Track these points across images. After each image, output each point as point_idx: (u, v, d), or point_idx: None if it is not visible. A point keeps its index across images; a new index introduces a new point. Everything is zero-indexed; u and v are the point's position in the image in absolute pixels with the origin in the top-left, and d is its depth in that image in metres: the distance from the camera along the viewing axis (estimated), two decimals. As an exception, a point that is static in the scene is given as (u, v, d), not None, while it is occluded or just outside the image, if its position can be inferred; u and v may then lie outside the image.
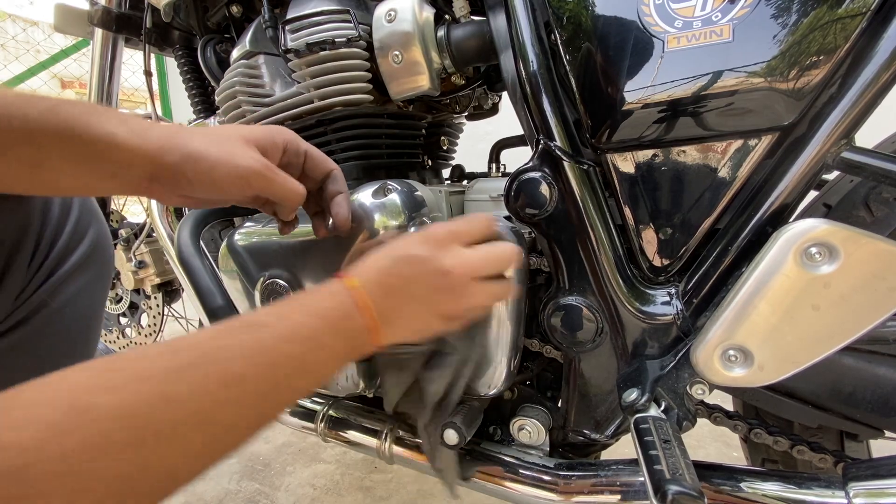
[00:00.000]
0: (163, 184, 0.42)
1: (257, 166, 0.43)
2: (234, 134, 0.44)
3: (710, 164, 0.46)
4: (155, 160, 0.40)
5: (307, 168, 0.50)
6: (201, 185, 0.42)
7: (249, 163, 0.43)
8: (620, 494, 0.51)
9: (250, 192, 0.45)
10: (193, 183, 0.42)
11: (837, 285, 0.37)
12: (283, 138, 0.48)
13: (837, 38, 0.39)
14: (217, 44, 0.79)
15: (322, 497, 1.08)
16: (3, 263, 0.48)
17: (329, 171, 0.51)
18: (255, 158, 0.43)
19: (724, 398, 0.56)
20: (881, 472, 0.41)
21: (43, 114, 0.38)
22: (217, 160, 0.42)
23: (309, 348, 0.37)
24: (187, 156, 0.41)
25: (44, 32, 4.12)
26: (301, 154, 0.49)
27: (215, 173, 0.42)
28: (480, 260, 0.46)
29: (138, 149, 0.40)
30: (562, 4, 0.48)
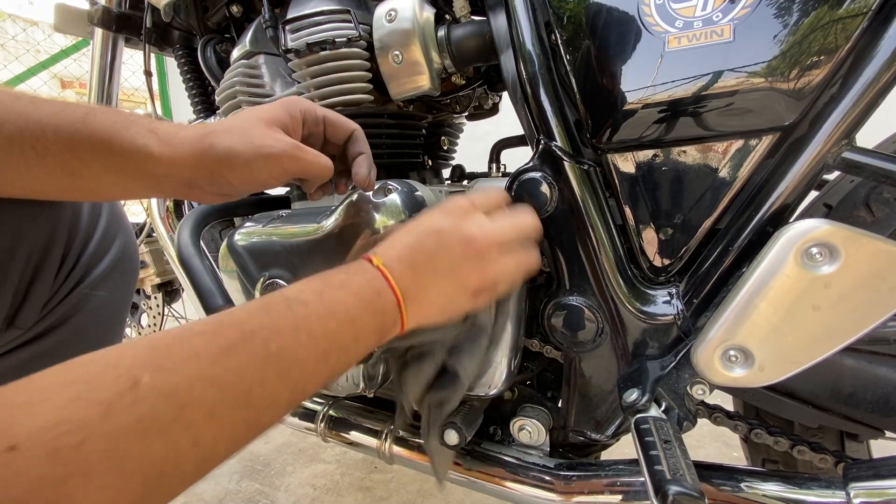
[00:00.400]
0: (202, 186, 0.43)
1: (288, 149, 0.43)
2: (255, 120, 0.44)
3: (711, 164, 0.46)
4: (191, 168, 0.42)
5: (328, 134, 0.50)
6: (241, 181, 0.43)
7: (280, 148, 0.43)
8: (621, 495, 0.51)
9: (285, 177, 0.45)
10: (233, 182, 0.43)
11: (838, 285, 0.37)
12: (299, 110, 0.47)
13: (838, 38, 0.39)
14: (217, 44, 0.79)
15: (322, 497, 1.08)
16: (31, 272, 0.49)
17: (350, 131, 0.51)
18: (283, 141, 0.44)
19: (724, 398, 0.56)
20: (882, 472, 0.41)
21: (75, 124, 0.39)
22: (251, 155, 0.42)
23: (347, 325, 0.37)
24: (222, 158, 0.42)
25: (44, 32, 4.12)
26: (320, 122, 0.49)
27: (253, 167, 0.43)
28: (504, 227, 0.46)
29: (173, 160, 0.41)
30: (562, 4, 0.48)
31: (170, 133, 0.41)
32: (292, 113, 0.46)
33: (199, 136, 0.42)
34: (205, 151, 0.41)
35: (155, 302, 1.22)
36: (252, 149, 0.42)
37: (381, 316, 0.40)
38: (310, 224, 0.60)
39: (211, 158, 0.42)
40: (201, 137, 0.42)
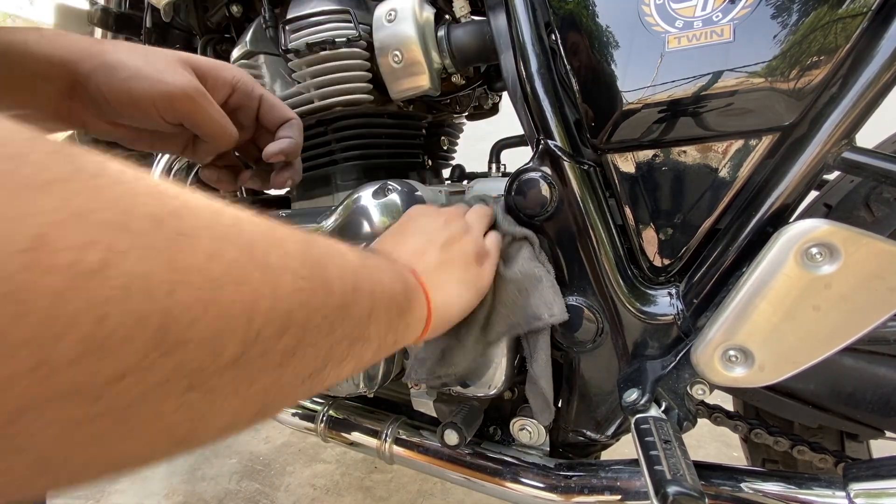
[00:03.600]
0: (83, 102, 0.37)
1: (188, 87, 0.38)
2: (170, 52, 0.39)
3: (711, 165, 0.46)
4: (70, 68, 0.36)
5: (262, 115, 0.45)
6: (118, 100, 0.37)
7: (179, 81, 0.37)
8: (620, 495, 0.51)
9: (173, 117, 0.39)
10: (109, 99, 0.37)
11: (838, 285, 0.37)
12: (231, 74, 0.43)
13: (838, 38, 0.39)
14: (217, 44, 0.79)
15: (322, 497, 1.08)
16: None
17: (287, 118, 0.46)
18: (187, 79, 0.38)
19: (724, 398, 0.56)
20: (882, 472, 0.41)
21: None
22: (137, 71, 0.36)
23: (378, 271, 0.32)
24: (104, 64, 0.36)
25: (44, 32, 4.11)
26: (255, 98, 0.44)
27: (133, 86, 0.36)
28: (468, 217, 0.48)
29: (53, 56, 0.35)
30: (562, 4, 0.48)
31: (61, 35, 0.37)
32: (221, 72, 0.42)
33: (94, 41, 0.37)
34: (91, 55, 0.36)
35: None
36: (143, 67, 0.37)
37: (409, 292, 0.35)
38: (309, 224, 0.60)
39: (93, 62, 0.36)
40: (93, 42, 0.37)
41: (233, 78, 0.43)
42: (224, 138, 0.42)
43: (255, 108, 0.45)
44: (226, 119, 0.42)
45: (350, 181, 0.66)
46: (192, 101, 0.38)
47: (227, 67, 0.43)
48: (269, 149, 0.44)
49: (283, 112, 0.47)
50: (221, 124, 0.41)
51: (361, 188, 0.58)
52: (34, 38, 0.35)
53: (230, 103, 0.43)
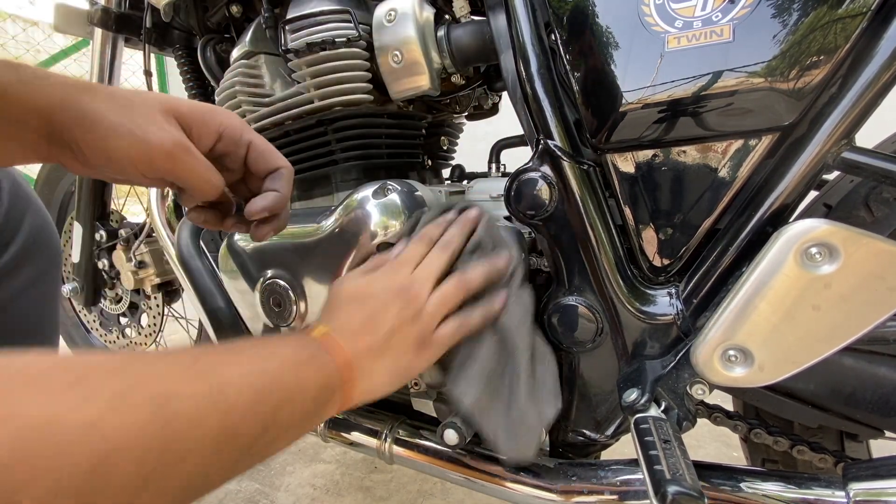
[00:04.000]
0: (61, 148, 0.35)
1: (167, 144, 0.35)
2: (154, 102, 0.37)
3: (711, 164, 0.46)
4: (46, 118, 0.34)
5: (250, 161, 0.43)
6: (94, 155, 0.35)
7: (158, 138, 0.35)
8: (620, 495, 0.51)
9: (153, 174, 0.37)
10: (86, 154, 0.35)
11: (838, 285, 0.37)
12: (218, 121, 0.40)
13: (838, 38, 0.39)
14: (217, 44, 0.79)
15: (322, 497, 1.08)
16: None
17: (277, 167, 0.44)
18: (169, 133, 0.36)
19: (724, 398, 0.56)
20: (881, 472, 0.41)
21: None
22: (116, 128, 0.34)
23: (286, 369, 0.34)
24: (82, 116, 0.34)
25: (44, 32, 4.12)
26: (242, 144, 0.41)
27: (111, 144, 0.34)
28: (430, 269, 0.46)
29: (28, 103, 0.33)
30: (562, 4, 0.48)
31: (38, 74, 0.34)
32: (206, 118, 0.39)
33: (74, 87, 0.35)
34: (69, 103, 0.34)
35: (155, 302, 1.21)
36: (122, 122, 0.34)
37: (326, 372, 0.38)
38: (309, 224, 0.60)
39: (70, 113, 0.34)
40: (73, 89, 0.34)
41: (220, 125, 0.40)
42: (207, 191, 0.39)
43: (242, 154, 0.42)
44: (210, 171, 0.39)
45: (350, 181, 0.66)
46: (173, 159, 0.36)
47: (214, 114, 0.40)
48: (253, 206, 0.41)
49: (273, 160, 0.44)
50: (204, 178, 0.38)
51: (361, 188, 0.58)
52: (10, 79, 0.33)
53: (216, 150, 0.40)
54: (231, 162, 0.42)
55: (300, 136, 0.67)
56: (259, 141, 0.43)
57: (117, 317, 1.30)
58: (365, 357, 0.41)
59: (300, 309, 0.62)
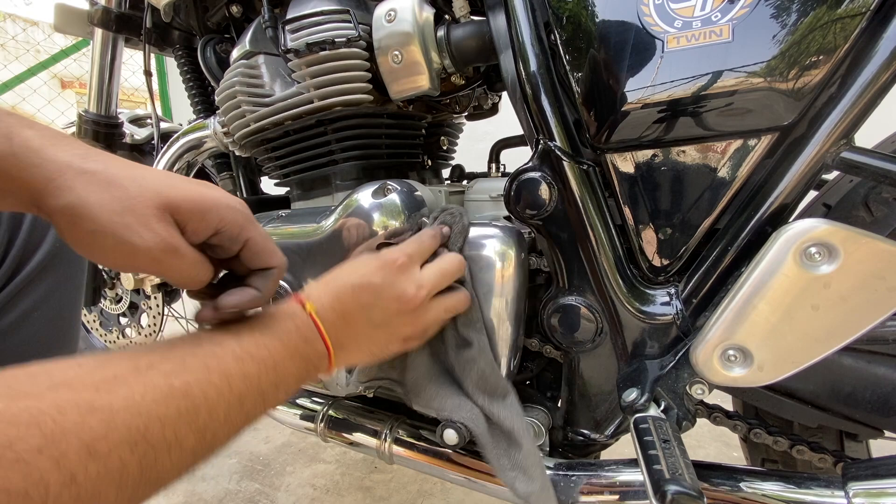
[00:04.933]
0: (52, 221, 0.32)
1: (154, 250, 0.33)
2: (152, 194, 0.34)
3: (710, 164, 0.46)
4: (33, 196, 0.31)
5: (243, 256, 0.40)
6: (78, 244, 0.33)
7: (145, 242, 0.32)
8: (620, 494, 0.51)
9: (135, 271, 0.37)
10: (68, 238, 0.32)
11: (837, 285, 0.37)
12: (218, 217, 0.36)
13: (837, 38, 0.39)
14: (217, 44, 0.79)
15: (322, 497, 1.08)
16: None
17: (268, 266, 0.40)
18: (158, 236, 0.33)
19: (723, 398, 0.56)
20: (881, 472, 0.41)
21: None
22: (104, 227, 0.31)
23: (268, 370, 0.35)
24: (70, 207, 0.31)
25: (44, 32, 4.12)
26: (239, 241, 0.39)
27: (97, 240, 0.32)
28: (434, 277, 0.48)
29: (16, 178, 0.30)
30: (562, 4, 0.48)
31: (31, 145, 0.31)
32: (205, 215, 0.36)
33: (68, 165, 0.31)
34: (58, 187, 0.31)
35: (155, 302, 1.22)
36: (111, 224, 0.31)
37: (305, 363, 0.39)
38: (309, 224, 0.60)
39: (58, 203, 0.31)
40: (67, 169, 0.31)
41: (219, 223, 0.37)
42: (192, 284, 0.38)
43: (237, 250, 0.39)
44: (196, 268, 0.36)
45: (349, 181, 0.66)
46: (158, 263, 0.34)
47: (214, 211, 0.36)
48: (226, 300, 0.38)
49: (266, 259, 0.40)
50: (189, 277, 0.36)
51: (361, 188, 0.58)
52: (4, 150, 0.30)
53: (210, 242, 0.38)
54: (223, 252, 0.39)
55: (300, 136, 0.67)
56: (257, 238, 0.39)
57: (117, 317, 1.30)
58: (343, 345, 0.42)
59: (300, 309, 0.62)
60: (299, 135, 0.67)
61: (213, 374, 0.31)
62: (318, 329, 0.41)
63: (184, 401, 0.29)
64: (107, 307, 1.29)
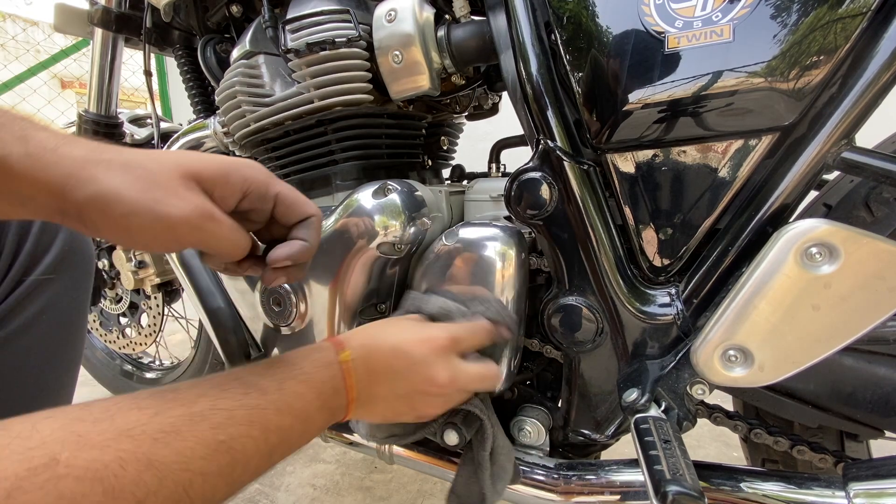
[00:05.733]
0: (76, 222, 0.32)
1: (191, 215, 0.32)
2: (172, 166, 0.33)
3: (711, 165, 0.46)
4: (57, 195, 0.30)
5: (277, 214, 0.40)
6: (113, 234, 0.32)
7: (180, 210, 0.32)
8: (620, 494, 0.51)
9: (178, 245, 0.34)
10: (102, 231, 0.32)
11: (838, 285, 0.37)
12: (241, 177, 0.36)
13: (838, 38, 0.39)
14: (217, 44, 0.79)
15: (322, 497, 1.08)
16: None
17: (305, 216, 0.40)
18: (191, 203, 0.33)
19: (724, 398, 0.56)
20: (881, 472, 0.41)
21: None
22: (134, 206, 0.31)
23: (299, 422, 0.36)
24: (96, 196, 0.30)
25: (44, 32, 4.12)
26: (269, 199, 0.39)
27: (131, 222, 0.31)
28: (470, 379, 0.48)
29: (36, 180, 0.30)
30: (562, 4, 0.48)
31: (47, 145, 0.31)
32: (231, 177, 0.36)
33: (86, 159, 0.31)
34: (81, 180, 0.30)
35: (155, 302, 1.22)
36: (141, 198, 0.31)
37: (331, 413, 0.40)
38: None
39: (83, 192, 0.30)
40: (87, 163, 0.31)
41: (244, 182, 0.37)
42: (234, 254, 0.37)
43: (269, 208, 0.39)
44: (236, 233, 0.36)
45: (350, 181, 0.66)
46: (198, 229, 0.33)
47: (237, 170, 0.36)
48: (276, 253, 0.38)
49: (302, 209, 0.40)
50: (232, 242, 0.36)
51: (361, 188, 0.58)
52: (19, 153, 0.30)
53: (241, 207, 0.38)
54: (257, 216, 0.39)
55: (300, 136, 0.67)
56: (286, 192, 0.40)
57: (117, 317, 1.30)
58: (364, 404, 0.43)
59: (300, 309, 0.62)
60: (299, 135, 0.67)
61: (255, 429, 0.32)
62: (348, 382, 0.41)
63: (226, 456, 0.29)
64: (107, 307, 1.29)
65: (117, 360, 1.42)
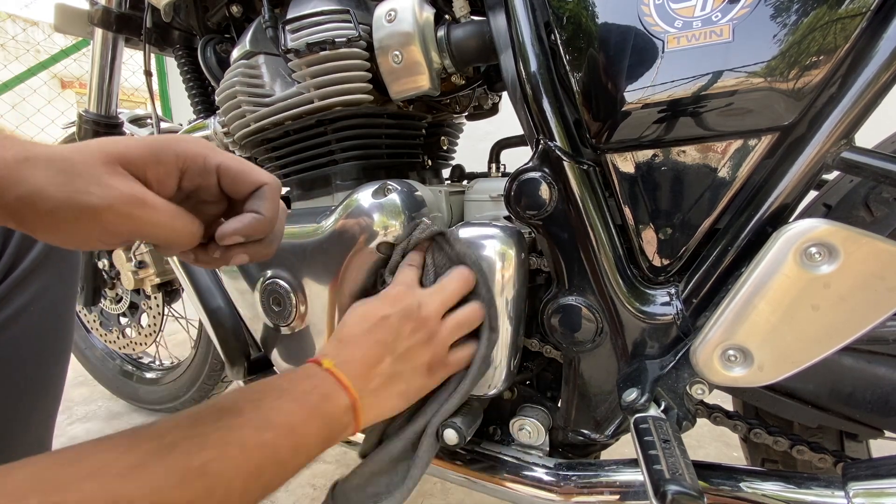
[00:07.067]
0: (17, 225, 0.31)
1: (115, 201, 0.30)
2: (95, 153, 0.31)
3: (710, 164, 0.46)
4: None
5: (225, 187, 0.37)
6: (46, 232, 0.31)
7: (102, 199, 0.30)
8: (620, 494, 0.51)
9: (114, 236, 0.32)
10: (38, 230, 0.31)
11: (837, 285, 0.37)
12: (173, 153, 0.34)
13: (837, 38, 0.39)
14: (217, 44, 0.79)
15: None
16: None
17: (255, 185, 0.37)
18: (113, 190, 0.30)
19: (723, 398, 0.56)
20: (881, 471, 0.41)
21: None
22: (56, 200, 0.29)
23: (283, 434, 0.35)
24: (23, 196, 0.29)
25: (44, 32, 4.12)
26: (210, 172, 0.35)
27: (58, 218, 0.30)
28: (442, 294, 0.49)
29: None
30: (562, 4, 0.48)
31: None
32: (160, 155, 0.33)
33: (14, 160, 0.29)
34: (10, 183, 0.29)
35: (155, 302, 1.22)
36: (63, 194, 0.29)
37: (329, 421, 0.39)
38: (309, 224, 0.60)
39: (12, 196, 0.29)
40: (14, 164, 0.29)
41: (177, 159, 0.34)
42: (181, 241, 0.34)
43: (215, 182, 0.36)
44: (177, 218, 0.33)
45: (350, 181, 0.66)
46: (128, 218, 0.31)
47: (168, 146, 0.34)
48: (223, 228, 0.35)
49: (249, 178, 0.37)
50: (170, 228, 0.33)
51: (361, 188, 0.58)
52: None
53: (184, 187, 0.35)
54: (206, 194, 0.36)
55: (300, 136, 0.67)
56: (230, 162, 0.36)
57: (117, 317, 1.30)
58: (373, 392, 0.42)
59: (300, 309, 0.62)
60: (299, 135, 0.67)
61: (232, 448, 0.31)
62: (340, 381, 0.40)
63: (200, 480, 0.29)
64: (107, 307, 1.29)
65: (117, 360, 1.42)
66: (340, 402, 0.40)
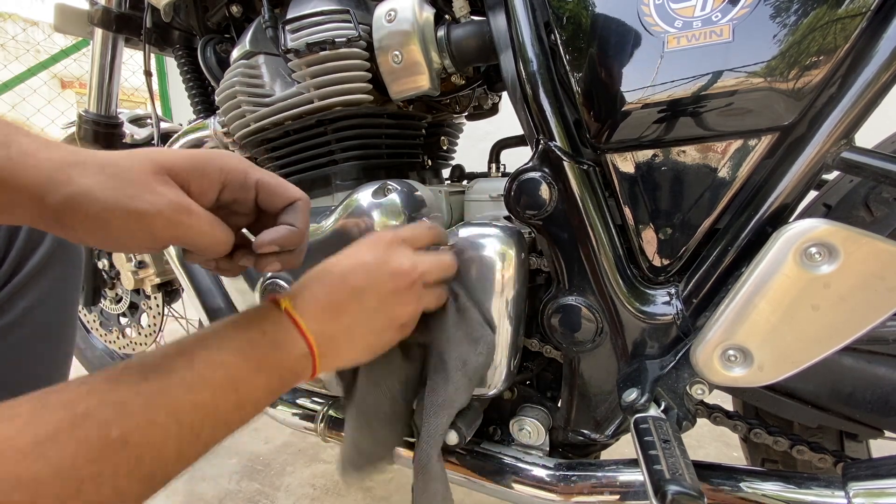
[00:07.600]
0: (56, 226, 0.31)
1: (164, 210, 0.32)
2: (145, 162, 0.33)
3: (710, 164, 0.46)
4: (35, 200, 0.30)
5: (261, 201, 0.39)
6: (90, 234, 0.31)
7: (153, 205, 0.31)
8: (620, 494, 0.51)
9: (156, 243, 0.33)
10: (80, 232, 0.31)
11: (837, 285, 0.37)
12: (217, 167, 0.36)
13: (837, 38, 0.39)
14: (217, 44, 0.79)
15: (322, 497, 1.08)
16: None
17: (290, 200, 0.40)
18: (164, 197, 0.32)
19: (723, 398, 0.56)
20: (881, 471, 0.41)
21: None
22: (107, 204, 0.30)
23: (222, 393, 0.33)
24: (72, 197, 0.30)
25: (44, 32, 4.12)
26: (250, 188, 0.38)
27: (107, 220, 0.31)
28: (430, 264, 0.47)
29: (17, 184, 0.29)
30: (562, 4, 0.48)
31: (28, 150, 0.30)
32: (206, 168, 0.35)
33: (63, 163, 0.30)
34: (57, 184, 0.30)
35: (155, 302, 1.22)
36: (116, 198, 0.30)
37: (279, 371, 0.37)
38: (310, 224, 0.60)
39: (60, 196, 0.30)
40: (64, 166, 0.30)
41: (220, 172, 0.36)
42: (216, 249, 0.36)
43: (252, 196, 0.39)
44: (216, 228, 0.35)
45: (350, 181, 0.66)
46: (174, 225, 0.32)
47: (212, 161, 0.36)
48: (262, 238, 0.37)
49: (286, 194, 0.40)
50: (211, 236, 0.35)
51: (361, 188, 0.58)
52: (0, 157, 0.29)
53: (222, 198, 0.37)
54: (241, 207, 0.39)
55: (300, 136, 0.67)
56: (267, 178, 0.39)
57: (117, 317, 1.30)
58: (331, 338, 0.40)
59: (300, 309, 0.62)
60: (299, 135, 0.67)
61: (158, 413, 0.29)
62: (297, 325, 0.38)
63: (122, 452, 0.27)
64: (107, 307, 1.29)
65: (117, 360, 1.42)
66: (294, 350, 0.38)
